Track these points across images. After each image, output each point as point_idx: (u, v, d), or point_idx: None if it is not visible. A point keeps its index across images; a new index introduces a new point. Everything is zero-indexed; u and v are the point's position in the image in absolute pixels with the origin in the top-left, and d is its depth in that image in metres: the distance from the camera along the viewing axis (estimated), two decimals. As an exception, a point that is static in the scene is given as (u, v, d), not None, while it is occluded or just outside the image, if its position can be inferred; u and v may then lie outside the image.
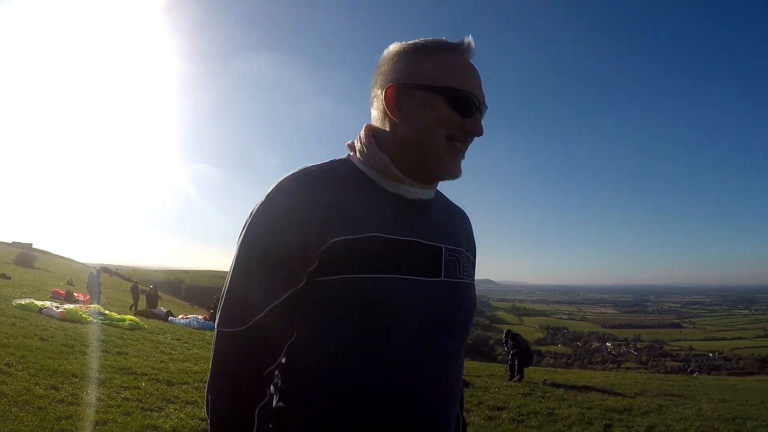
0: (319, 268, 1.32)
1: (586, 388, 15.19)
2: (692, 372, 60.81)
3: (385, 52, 1.52)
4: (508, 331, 18.42)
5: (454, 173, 1.47)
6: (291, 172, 1.40)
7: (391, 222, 1.40)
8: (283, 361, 1.39)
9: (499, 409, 10.59)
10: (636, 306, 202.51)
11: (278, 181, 1.39)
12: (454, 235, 1.58)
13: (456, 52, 1.47)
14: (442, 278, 1.45)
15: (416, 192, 1.47)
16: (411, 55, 1.46)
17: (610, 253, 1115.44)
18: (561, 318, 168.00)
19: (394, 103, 1.44)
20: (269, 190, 1.38)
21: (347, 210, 1.34)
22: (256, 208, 1.37)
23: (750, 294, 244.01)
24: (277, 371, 1.39)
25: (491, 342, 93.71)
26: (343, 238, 1.31)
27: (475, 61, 1.49)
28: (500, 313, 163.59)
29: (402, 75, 1.45)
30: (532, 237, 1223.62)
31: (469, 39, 1.48)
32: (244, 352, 1.32)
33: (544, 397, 12.64)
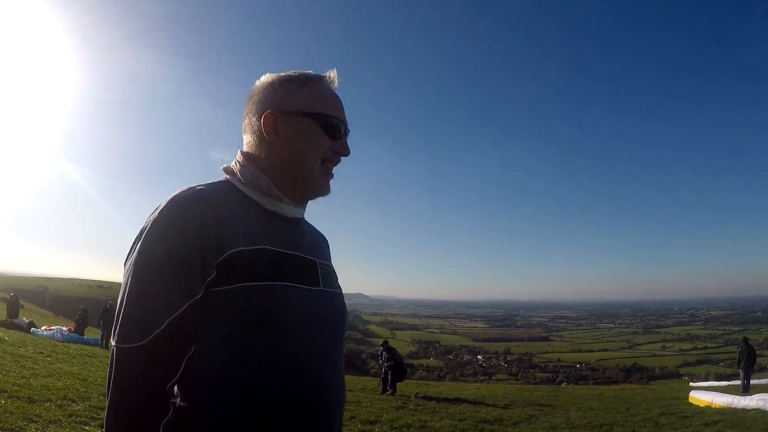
0: (217, 279, 1.35)
1: (458, 400, 16.10)
2: (561, 382, 70.44)
3: (258, 83, 1.63)
4: (385, 343, 18.57)
5: (326, 192, 1.62)
6: (180, 189, 1.44)
7: (275, 237, 1.49)
8: (183, 374, 1.37)
9: (371, 422, 10.85)
10: (506, 320, 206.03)
11: (170, 196, 1.41)
12: (321, 252, 1.70)
13: (324, 82, 1.62)
14: (322, 288, 1.56)
15: (293, 211, 1.59)
16: (285, 85, 1.59)
17: (480, 269, 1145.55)
18: (433, 332, 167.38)
19: (271, 129, 1.54)
20: (162, 205, 1.39)
21: (239, 224, 1.41)
22: (150, 221, 1.38)
23: (615, 309, 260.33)
24: (176, 385, 1.38)
25: (364, 356, 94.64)
26: (239, 249, 1.38)
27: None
28: (373, 327, 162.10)
29: (278, 103, 1.56)
30: (404, 251, 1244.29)
31: (334, 72, 1.64)
32: (145, 367, 1.30)
33: (416, 410, 13.20)
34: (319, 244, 1.72)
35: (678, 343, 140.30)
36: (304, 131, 1.53)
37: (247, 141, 1.60)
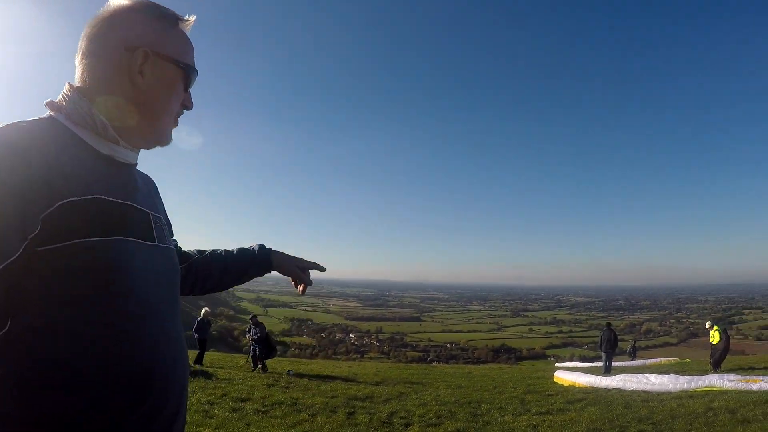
0: (42, 235, 1.14)
1: (330, 378, 16.23)
2: (432, 361, 74.81)
3: (117, 4, 1.41)
4: (253, 318, 18.46)
5: (169, 142, 1.51)
6: None
7: (109, 184, 1.31)
8: (6, 343, 1.14)
9: (243, 400, 10.77)
10: (378, 300, 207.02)
11: None
12: (152, 201, 1.54)
13: (186, 27, 1.50)
14: (156, 243, 1.42)
15: (128, 155, 1.42)
16: (158, 21, 1.43)
17: (353, 248, 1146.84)
18: (306, 310, 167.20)
19: (138, 68, 1.38)
20: None
21: (69, 170, 1.20)
22: None
23: (484, 292, 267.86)
24: None
25: (236, 332, 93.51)
26: (71, 199, 1.18)
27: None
28: (245, 304, 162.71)
29: (151, 40, 1.40)
30: (278, 224, 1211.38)
31: (194, 17, 1.50)
32: None
33: (288, 388, 13.22)
34: (150, 192, 1.56)
35: (544, 326, 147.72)
36: (169, 79, 1.42)
37: (95, 73, 1.37)
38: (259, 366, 16.96)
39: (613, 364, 24.20)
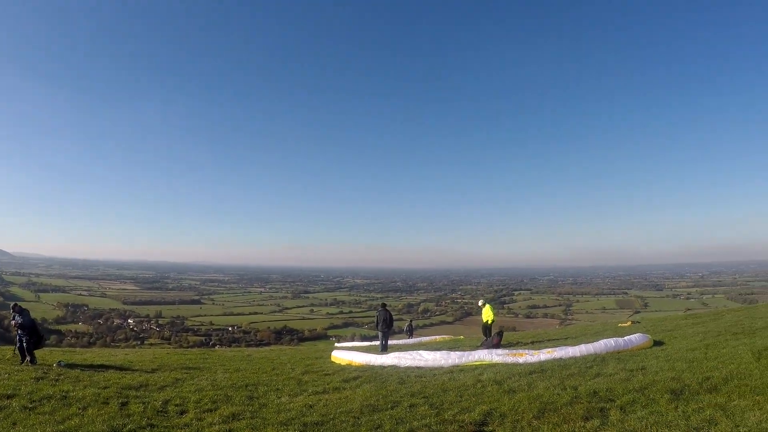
0: None
1: (104, 367, 15.69)
2: (214, 345, 76.24)
3: None
4: (15, 305, 16.63)
5: None
6: None
7: None
8: None
9: (8, 397, 10.14)
10: (157, 282, 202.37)
11: None
12: None
13: None
14: None
15: None
16: None
17: (128, 228, 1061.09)
18: (81, 294, 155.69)
19: None
20: None
21: None
22: None
23: (265, 274, 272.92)
24: None
25: (6, 322, 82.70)
26: None
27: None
28: (15, 289, 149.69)
29: None
30: (46, 201, 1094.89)
31: None
32: None
33: (58, 380, 12.46)
34: None
35: (325, 307, 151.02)
36: None
37: None
38: (27, 358, 15.69)
39: (391, 342, 25.17)
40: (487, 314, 23.32)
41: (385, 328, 23.04)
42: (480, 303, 24.60)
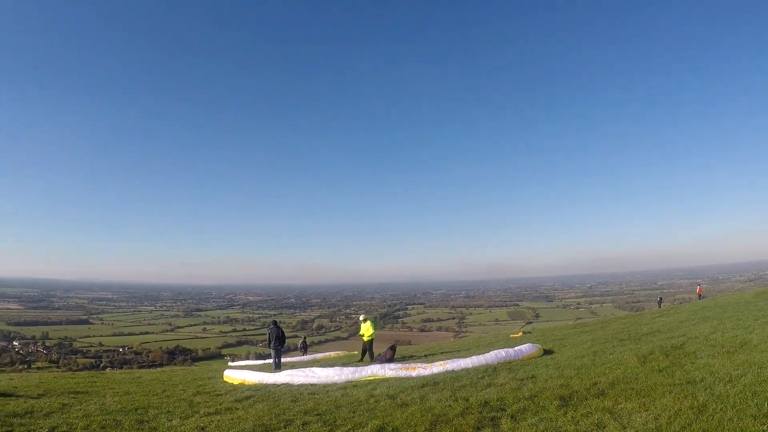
0: None
1: None
2: (105, 368, 70.47)
3: None
4: None
5: None
6: None
7: None
8: None
9: None
10: (42, 301, 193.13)
11: None
12: None
13: None
14: None
15: None
16: None
17: (13, 240, 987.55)
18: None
19: None
20: None
21: None
22: None
23: (155, 291, 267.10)
24: None
25: None
26: None
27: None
28: None
29: None
30: None
31: None
32: None
33: None
34: None
35: (218, 325, 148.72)
36: None
37: None
38: None
39: (285, 359, 24.77)
40: (367, 330, 23.03)
41: (278, 345, 22.65)
42: (361, 318, 24.22)
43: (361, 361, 22.15)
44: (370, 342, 23.04)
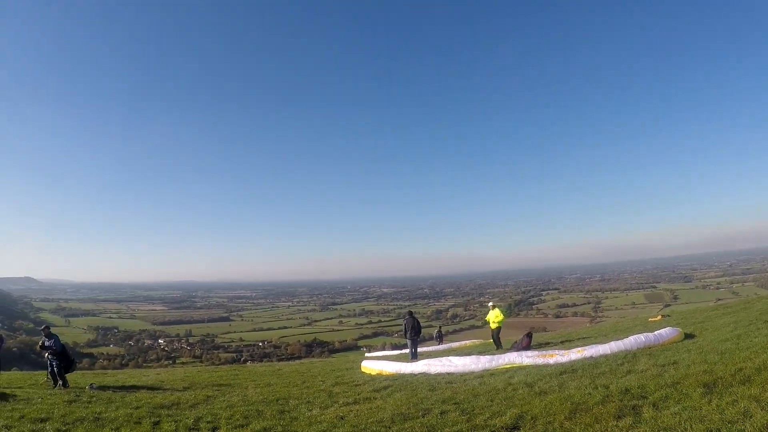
0: None
1: (135, 388, 15.75)
2: (245, 361, 72.40)
3: None
4: (45, 328, 16.89)
5: None
6: None
7: None
8: None
9: (42, 420, 10.15)
10: (185, 302, 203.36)
11: None
12: None
13: None
14: None
15: None
16: None
17: (156, 249, 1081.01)
18: (110, 317, 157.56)
19: None
20: None
21: None
22: None
23: (292, 288, 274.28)
24: None
25: (38, 348, 75.31)
26: None
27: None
28: (45, 315, 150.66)
29: None
30: (74, 230, 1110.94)
31: None
32: None
33: (90, 402, 12.48)
34: None
35: (354, 318, 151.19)
36: None
37: None
38: (60, 382, 15.73)
39: (421, 349, 25.06)
40: (496, 317, 22.84)
41: (414, 335, 22.87)
42: (490, 304, 24.12)
43: (498, 350, 22.09)
44: (497, 329, 22.91)
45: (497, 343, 23.01)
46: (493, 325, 22.93)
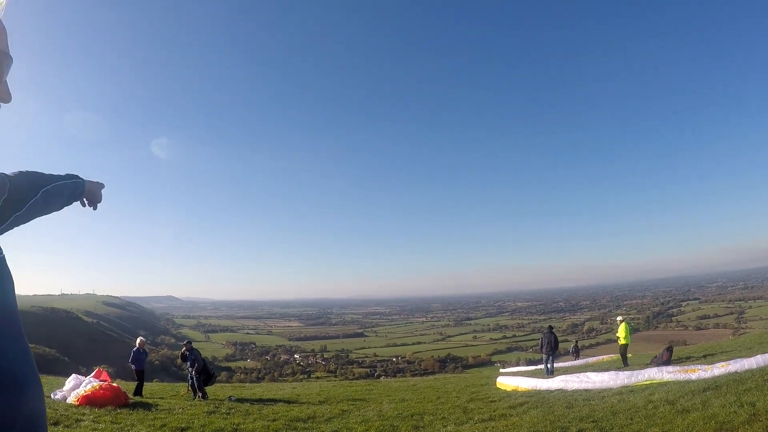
0: None
1: (272, 401, 16.30)
2: (379, 376, 73.84)
3: None
4: (188, 343, 17.69)
5: None
6: None
7: None
8: None
9: (183, 430, 10.81)
10: (320, 318, 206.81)
11: None
12: None
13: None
14: None
15: None
16: None
17: (291, 268, 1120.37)
18: (248, 333, 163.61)
19: None
20: None
21: None
22: None
23: (425, 304, 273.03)
24: None
25: (179, 361, 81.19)
26: None
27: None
28: (186, 331, 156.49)
29: None
30: (213, 250, 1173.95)
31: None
32: None
33: (229, 414, 13.16)
34: None
35: (488, 333, 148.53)
36: None
37: None
38: (200, 394, 16.62)
39: (557, 365, 24.61)
40: (621, 332, 22.28)
41: (550, 350, 22.63)
42: (618, 319, 23.48)
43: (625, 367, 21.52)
44: (624, 346, 22.37)
45: (623, 359, 22.46)
46: (621, 341, 22.48)
